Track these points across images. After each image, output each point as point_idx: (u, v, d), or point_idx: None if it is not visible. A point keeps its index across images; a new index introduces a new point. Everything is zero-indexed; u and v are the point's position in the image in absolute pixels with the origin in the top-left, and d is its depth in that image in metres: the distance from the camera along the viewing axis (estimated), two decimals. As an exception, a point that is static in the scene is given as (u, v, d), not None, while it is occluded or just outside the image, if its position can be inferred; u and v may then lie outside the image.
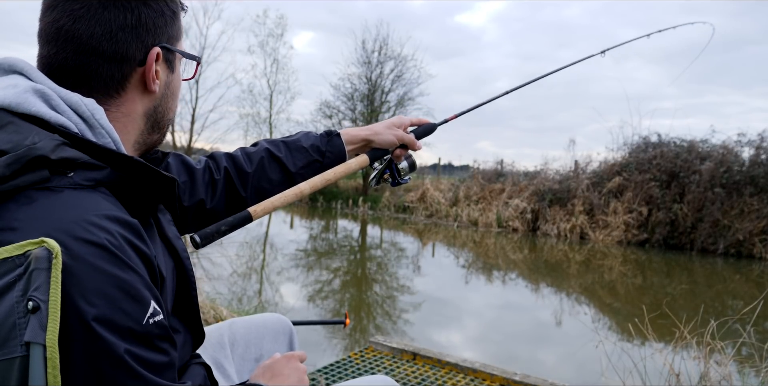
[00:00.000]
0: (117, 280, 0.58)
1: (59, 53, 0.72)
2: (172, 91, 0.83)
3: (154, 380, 0.60)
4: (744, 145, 10.28)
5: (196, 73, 0.89)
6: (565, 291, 6.52)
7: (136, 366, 0.59)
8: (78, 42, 0.72)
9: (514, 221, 11.91)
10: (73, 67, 0.72)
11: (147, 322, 0.61)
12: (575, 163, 12.55)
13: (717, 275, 7.97)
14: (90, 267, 0.57)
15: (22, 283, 0.54)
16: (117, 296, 0.58)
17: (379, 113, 17.37)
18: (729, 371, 2.44)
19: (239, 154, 1.16)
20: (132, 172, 0.70)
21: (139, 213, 0.70)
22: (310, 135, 1.21)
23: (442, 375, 2.72)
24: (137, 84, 0.77)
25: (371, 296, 5.72)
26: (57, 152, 0.62)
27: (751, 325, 2.61)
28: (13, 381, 0.51)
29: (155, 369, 0.61)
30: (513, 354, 4.14)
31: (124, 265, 0.60)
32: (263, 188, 1.13)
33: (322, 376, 2.60)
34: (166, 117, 0.84)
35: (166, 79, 0.81)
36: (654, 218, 10.33)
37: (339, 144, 1.20)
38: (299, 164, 1.16)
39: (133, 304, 0.60)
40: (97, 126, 0.71)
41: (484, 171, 14.42)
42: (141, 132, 0.80)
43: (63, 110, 0.69)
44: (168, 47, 0.79)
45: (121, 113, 0.76)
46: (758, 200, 9.46)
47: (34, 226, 0.57)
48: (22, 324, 0.52)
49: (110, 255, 0.59)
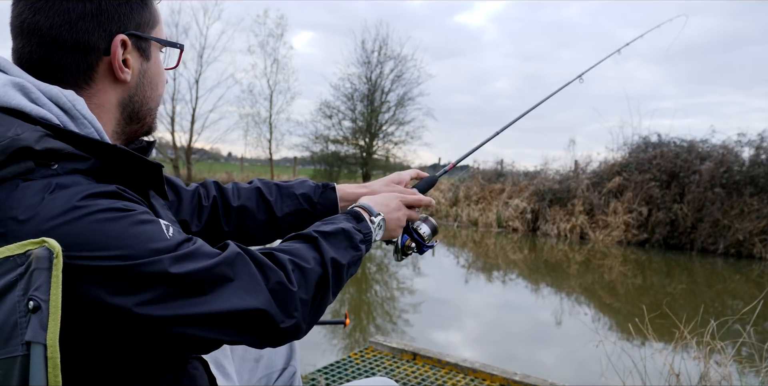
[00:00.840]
0: (124, 222, 0.63)
1: (25, 47, 0.72)
2: (150, 80, 0.81)
3: (204, 264, 0.66)
4: (744, 145, 10.27)
5: (179, 61, 0.87)
6: (565, 291, 6.52)
7: (185, 270, 0.64)
8: (39, 34, 0.71)
9: (514, 221, 11.91)
10: (38, 59, 0.72)
11: (169, 235, 0.66)
12: (575, 163, 12.55)
13: (717, 275, 7.97)
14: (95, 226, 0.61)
15: (23, 282, 0.54)
16: (136, 231, 0.63)
17: (379, 112, 17.38)
18: (729, 371, 2.43)
19: (230, 187, 1.16)
20: (117, 160, 0.70)
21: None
22: (306, 184, 1.20)
23: (442, 375, 2.72)
24: (106, 74, 0.75)
25: (371, 296, 5.72)
26: (41, 143, 0.63)
27: (751, 325, 2.61)
28: (15, 380, 0.52)
29: (196, 258, 0.66)
30: (513, 354, 4.13)
31: (123, 210, 0.64)
32: (247, 225, 1.12)
33: (322, 376, 2.60)
34: (145, 107, 0.82)
35: (141, 68, 0.79)
36: (654, 218, 10.33)
37: (332, 198, 1.18)
38: (286, 210, 1.14)
39: (151, 227, 0.65)
40: (79, 117, 0.70)
41: (484, 171, 14.42)
42: (117, 122, 0.79)
43: (43, 103, 0.68)
44: (138, 34, 0.77)
45: (94, 104, 0.75)
46: (758, 200, 9.45)
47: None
48: (23, 323, 0.53)
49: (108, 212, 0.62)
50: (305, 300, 0.74)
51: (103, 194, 0.64)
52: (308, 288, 0.76)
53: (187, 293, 0.64)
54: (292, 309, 0.72)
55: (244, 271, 0.70)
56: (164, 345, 0.67)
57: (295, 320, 0.72)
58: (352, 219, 0.94)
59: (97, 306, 0.59)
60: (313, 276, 0.78)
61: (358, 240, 0.90)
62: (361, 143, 17.70)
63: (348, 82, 18.07)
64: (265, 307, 0.69)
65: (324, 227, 0.87)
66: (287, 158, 25.04)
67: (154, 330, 0.63)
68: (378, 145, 17.91)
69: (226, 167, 25.96)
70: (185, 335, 0.65)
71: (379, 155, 18.00)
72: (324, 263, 0.80)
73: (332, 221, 0.91)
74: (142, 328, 0.62)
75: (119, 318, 0.60)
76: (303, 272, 0.76)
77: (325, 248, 0.82)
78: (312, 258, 0.79)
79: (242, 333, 0.69)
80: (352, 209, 0.99)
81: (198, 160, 21.48)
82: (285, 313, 0.71)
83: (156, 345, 0.67)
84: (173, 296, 0.63)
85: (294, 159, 21.66)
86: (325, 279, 0.79)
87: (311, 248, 0.82)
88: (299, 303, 0.73)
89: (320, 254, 0.81)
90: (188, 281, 0.64)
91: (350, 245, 0.88)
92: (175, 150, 20.17)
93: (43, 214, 0.58)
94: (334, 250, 0.83)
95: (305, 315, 0.75)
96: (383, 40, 17.59)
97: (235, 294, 0.67)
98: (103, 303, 0.59)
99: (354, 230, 0.90)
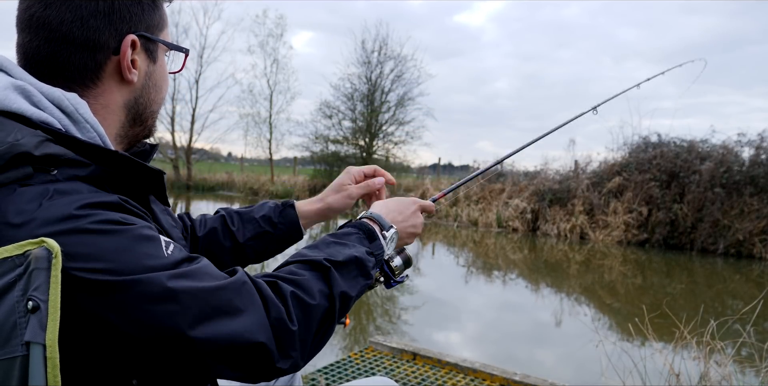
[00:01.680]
0: (125, 236, 0.61)
1: (32, 41, 0.71)
2: (155, 83, 0.81)
3: (205, 285, 0.64)
4: (744, 145, 10.28)
5: (183, 65, 0.87)
6: (565, 291, 6.52)
7: (184, 287, 0.62)
8: (49, 29, 0.70)
9: (514, 221, 11.91)
10: (45, 55, 0.71)
11: (168, 252, 0.64)
12: (575, 163, 12.55)
13: (717, 275, 7.97)
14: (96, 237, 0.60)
15: (22, 283, 0.54)
16: (133, 246, 0.61)
17: (379, 112, 17.37)
18: (729, 371, 2.43)
19: (199, 218, 1.16)
20: (118, 166, 0.69)
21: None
22: (266, 206, 1.17)
23: (442, 375, 2.72)
24: (113, 74, 0.75)
25: (371, 296, 5.72)
26: (41, 149, 0.62)
27: (751, 325, 2.61)
28: (14, 380, 0.51)
29: (197, 278, 0.64)
30: (513, 354, 4.13)
31: (122, 224, 0.62)
32: (214, 252, 1.11)
33: (322, 376, 2.60)
34: (149, 109, 0.81)
35: (147, 70, 0.78)
36: (654, 218, 10.33)
37: (292, 216, 1.15)
38: (248, 235, 1.13)
39: (148, 244, 0.63)
40: (81, 120, 0.70)
41: (484, 171, 14.39)
42: (122, 125, 0.78)
43: (45, 107, 0.68)
44: (147, 36, 0.76)
45: (100, 104, 0.75)
46: (758, 200, 9.46)
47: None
48: (22, 323, 0.53)
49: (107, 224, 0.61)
50: (305, 340, 0.70)
51: (103, 204, 0.63)
52: (309, 327, 0.71)
53: (183, 314, 0.61)
54: (290, 349, 0.68)
55: (251, 301, 0.67)
56: (151, 366, 0.64)
57: (292, 360, 0.69)
58: (364, 239, 0.88)
59: (87, 317, 0.58)
60: (316, 313, 0.72)
61: (370, 267, 0.84)
62: (361, 143, 17.69)
63: (348, 82, 18.06)
64: (267, 342, 0.65)
65: (336, 255, 0.80)
66: (287, 158, 25.05)
67: (141, 350, 0.60)
68: (378, 145, 17.90)
69: (226, 167, 25.95)
70: (179, 360, 0.62)
71: (379, 155, 17.98)
72: (332, 296, 0.75)
73: (344, 244, 0.84)
74: (129, 346, 0.60)
75: (108, 333, 0.59)
76: (305, 309, 0.71)
77: (335, 280, 0.76)
78: (318, 292, 0.73)
79: (237, 366, 0.65)
80: (365, 224, 0.92)
81: (198, 160, 21.48)
82: (282, 352, 0.67)
83: (143, 365, 0.64)
84: (168, 318, 0.60)
85: (294, 159, 21.66)
86: (330, 314, 0.74)
87: (320, 279, 0.76)
88: (298, 342, 0.69)
89: (329, 288, 0.75)
90: (185, 301, 0.61)
91: (361, 273, 0.82)
92: (175, 150, 20.17)
93: (39, 220, 0.58)
94: (344, 282, 0.78)
95: (303, 354, 0.71)
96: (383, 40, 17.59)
97: (238, 322, 0.64)
98: (94, 315, 0.58)
99: (366, 255, 0.84)
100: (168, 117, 19.40)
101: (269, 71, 19.75)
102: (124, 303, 0.58)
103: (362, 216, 0.96)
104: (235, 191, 19.40)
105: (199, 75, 19.38)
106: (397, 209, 1.01)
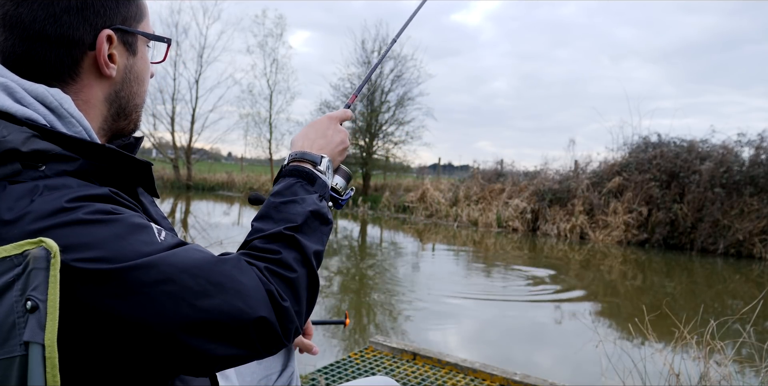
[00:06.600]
0: (116, 225, 0.62)
1: (7, 40, 0.70)
2: (137, 76, 0.80)
3: (202, 264, 0.65)
4: (744, 145, 10.29)
5: (166, 55, 0.86)
6: (565, 291, 6.51)
7: (180, 267, 0.62)
8: (22, 27, 0.69)
9: (514, 221, 11.91)
10: (21, 53, 0.70)
11: (161, 238, 0.65)
12: (575, 163, 12.56)
13: (717, 275, 7.97)
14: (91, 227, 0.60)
15: (20, 282, 0.54)
16: (127, 233, 0.62)
17: (379, 112, 17.37)
18: (729, 371, 2.44)
19: None
20: (106, 160, 0.70)
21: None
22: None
23: (442, 375, 2.72)
24: (91, 69, 0.74)
25: (371, 296, 5.72)
26: (28, 145, 0.62)
27: (751, 325, 2.61)
28: (13, 380, 0.51)
29: (192, 258, 0.65)
30: (513, 354, 4.13)
31: (114, 213, 0.63)
32: None
33: (322, 376, 2.60)
34: (132, 102, 0.80)
35: (126, 63, 0.77)
36: (654, 218, 10.33)
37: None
38: None
39: (142, 231, 0.64)
40: (66, 115, 0.69)
41: (484, 171, 14.43)
42: (105, 119, 0.78)
43: (29, 103, 0.67)
44: (124, 29, 0.75)
45: (81, 100, 0.74)
46: (758, 200, 9.46)
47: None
48: (21, 323, 0.53)
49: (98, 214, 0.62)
50: (299, 311, 0.71)
51: (93, 196, 0.63)
52: (299, 298, 0.72)
53: (185, 294, 0.61)
54: (288, 322, 0.69)
55: (249, 277, 0.67)
56: (162, 358, 0.62)
57: (292, 330, 0.70)
58: (306, 184, 0.85)
59: (88, 310, 0.58)
60: (301, 283, 0.73)
61: (325, 212, 0.83)
62: (361, 143, 17.68)
63: (348, 82, 18.05)
64: (268, 316, 0.66)
65: (292, 218, 0.78)
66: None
67: (149, 339, 0.60)
68: (378, 145, 17.90)
69: (226, 167, 25.97)
70: (186, 345, 0.61)
71: (379, 155, 17.98)
72: (307, 259, 0.75)
73: (293, 201, 0.82)
74: (137, 337, 0.59)
75: (111, 325, 0.58)
76: (290, 284, 0.71)
77: (303, 243, 0.76)
78: (293, 261, 0.73)
79: (240, 343, 0.65)
80: (299, 169, 0.88)
81: (198, 160, 21.48)
82: (282, 327, 0.68)
83: (153, 358, 0.62)
84: (170, 298, 0.60)
85: (294, 159, 21.60)
86: (312, 276, 0.75)
87: (289, 248, 0.75)
88: (294, 315, 0.70)
89: (301, 254, 0.75)
90: (183, 281, 0.61)
91: (321, 222, 0.81)
92: (175, 150, 20.17)
93: (32, 215, 0.58)
94: (311, 241, 0.77)
95: (301, 321, 0.72)
96: (383, 41, 17.57)
97: (240, 298, 0.64)
98: (93, 308, 0.58)
99: (318, 202, 0.83)
100: (168, 117, 19.41)
101: (269, 71, 19.71)
102: (125, 289, 0.58)
103: (290, 159, 0.92)
104: (235, 191, 19.41)
105: (199, 75, 19.40)
106: (317, 134, 0.97)
